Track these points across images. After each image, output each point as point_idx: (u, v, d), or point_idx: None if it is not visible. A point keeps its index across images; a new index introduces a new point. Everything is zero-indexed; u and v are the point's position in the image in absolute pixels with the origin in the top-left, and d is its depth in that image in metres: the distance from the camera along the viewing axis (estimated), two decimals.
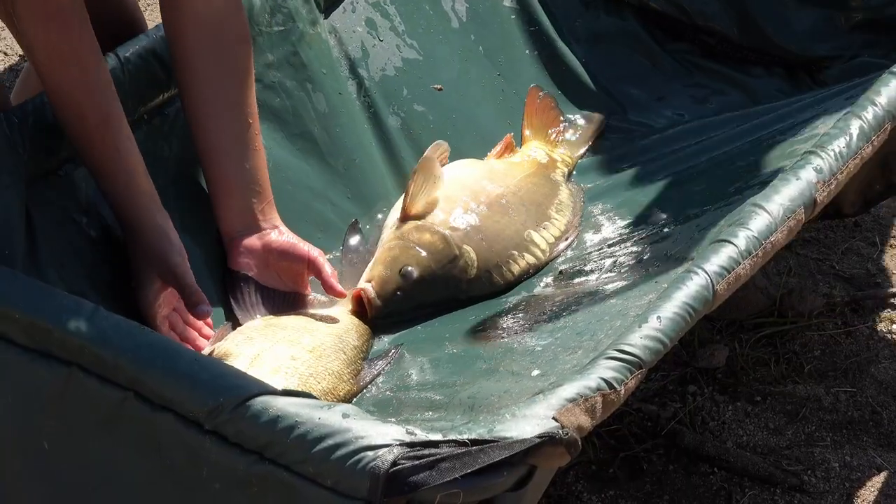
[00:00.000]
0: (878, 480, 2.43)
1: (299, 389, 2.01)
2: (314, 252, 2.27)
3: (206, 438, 1.69)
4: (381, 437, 1.62)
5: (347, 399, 2.10)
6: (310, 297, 2.31)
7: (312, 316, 2.23)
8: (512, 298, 2.30)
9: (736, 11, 2.62)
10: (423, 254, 2.35)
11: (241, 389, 1.70)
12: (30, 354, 1.81)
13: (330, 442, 1.63)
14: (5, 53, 3.47)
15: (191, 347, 2.16)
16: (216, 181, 2.36)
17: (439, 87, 2.55)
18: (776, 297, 2.66)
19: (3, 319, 1.81)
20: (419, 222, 2.38)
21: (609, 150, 2.55)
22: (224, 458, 1.68)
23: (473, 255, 2.37)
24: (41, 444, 1.88)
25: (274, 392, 1.71)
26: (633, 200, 2.38)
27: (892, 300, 2.77)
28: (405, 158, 2.53)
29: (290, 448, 1.65)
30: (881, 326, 2.70)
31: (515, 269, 2.39)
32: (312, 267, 2.26)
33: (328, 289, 2.25)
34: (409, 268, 2.33)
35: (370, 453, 1.59)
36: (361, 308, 2.28)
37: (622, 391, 1.71)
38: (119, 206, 2.17)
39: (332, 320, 2.21)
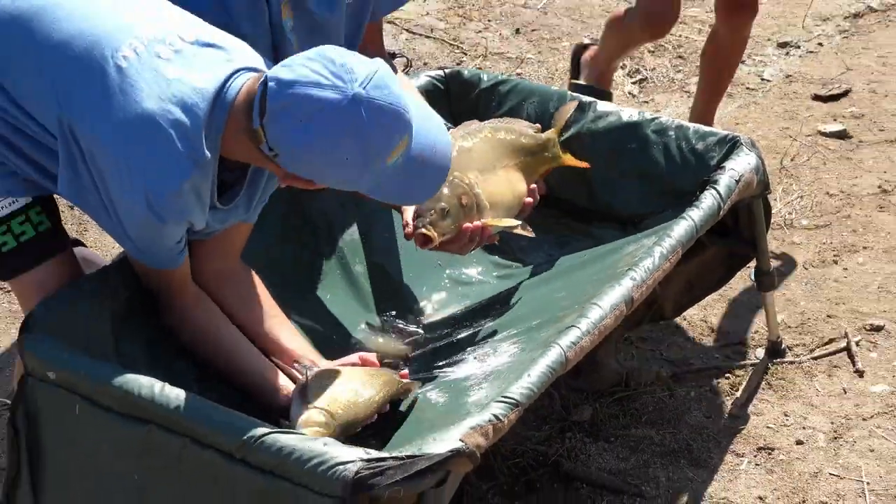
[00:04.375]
0: (690, 487, 2.56)
1: (336, 409, 2.01)
2: (356, 357, 2.18)
3: (237, 465, 1.79)
4: (348, 455, 1.74)
5: (354, 425, 2.04)
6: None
7: (366, 374, 2.12)
8: (447, 376, 2.29)
9: (585, 187, 2.64)
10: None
11: (257, 430, 1.78)
12: (123, 418, 1.87)
13: (316, 461, 1.74)
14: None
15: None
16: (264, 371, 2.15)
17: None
18: (623, 374, 2.77)
19: (104, 395, 1.88)
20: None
21: (508, 279, 2.56)
22: (248, 476, 1.79)
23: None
24: (133, 478, 1.92)
25: (278, 431, 1.80)
26: (520, 310, 2.43)
27: (698, 373, 2.84)
28: (365, 294, 2.52)
29: (291, 467, 1.75)
30: (692, 392, 2.79)
31: None
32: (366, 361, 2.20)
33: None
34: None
35: (341, 467, 1.72)
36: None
37: (506, 422, 1.88)
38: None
39: (375, 380, 2.09)
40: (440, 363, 2.31)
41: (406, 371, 2.24)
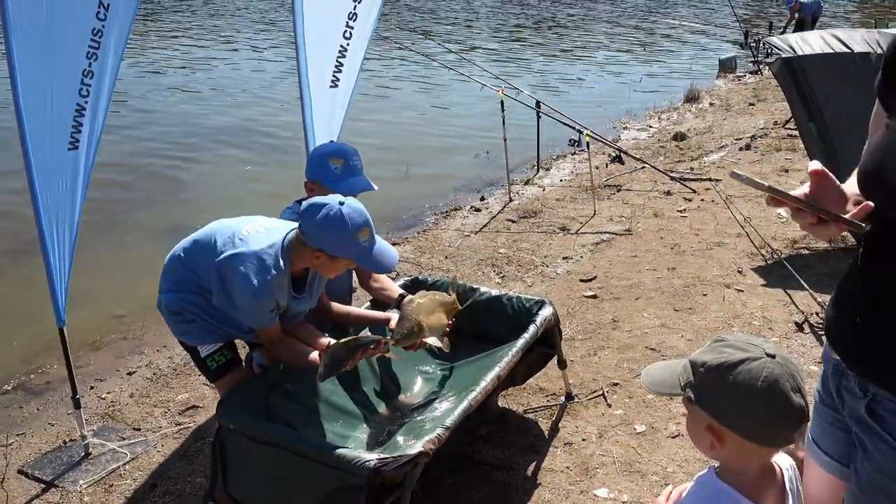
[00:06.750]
0: (533, 464, 2.46)
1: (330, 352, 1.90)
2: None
3: (319, 465, 1.75)
4: (371, 456, 1.72)
5: (343, 363, 1.90)
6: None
7: (351, 339, 1.95)
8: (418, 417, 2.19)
9: (477, 325, 2.52)
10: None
11: (329, 448, 1.76)
12: (267, 445, 1.83)
13: (356, 460, 1.71)
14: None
15: None
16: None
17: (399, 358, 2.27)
18: (500, 411, 2.71)
19: (258, 435, 1.84)
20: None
21: (446, 370, 2.46)
22: (324, 470, 1.74)
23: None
24: (273, 474, 1.85)
25: (338, 447, 1.76)
26: (451, 384, 2.35)
27: (536, 409, 2.73)
28: (379, 382, 2.36)
29: (343, 464, 1.72)
30: (533, 418, 2.71)
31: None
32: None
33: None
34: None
35: (367, 462, 1.70)
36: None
37: (444, 437, 1.85)
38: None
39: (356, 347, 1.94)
40: (417, 413, 2.24)
41: (379, 337, 2.03)
